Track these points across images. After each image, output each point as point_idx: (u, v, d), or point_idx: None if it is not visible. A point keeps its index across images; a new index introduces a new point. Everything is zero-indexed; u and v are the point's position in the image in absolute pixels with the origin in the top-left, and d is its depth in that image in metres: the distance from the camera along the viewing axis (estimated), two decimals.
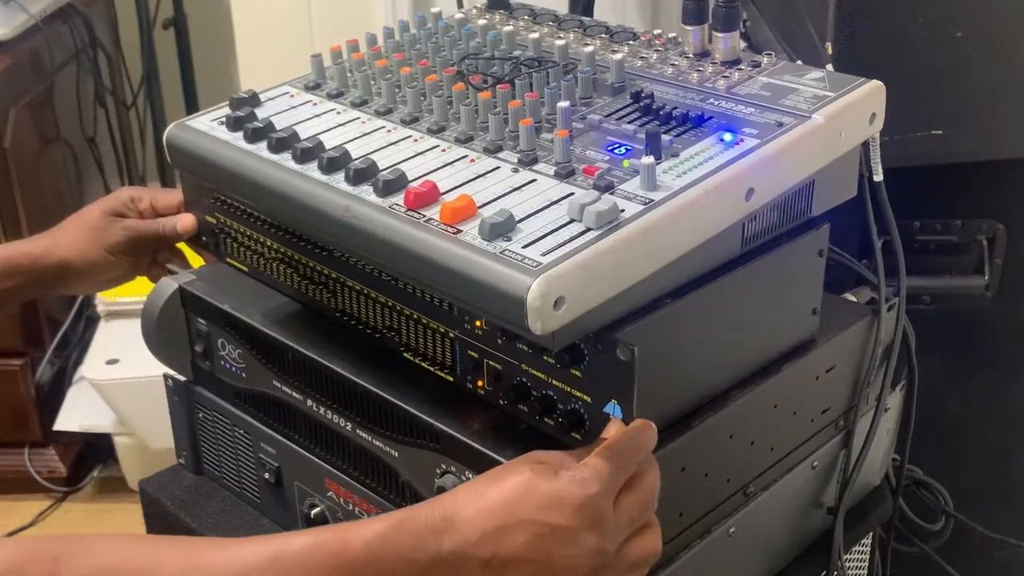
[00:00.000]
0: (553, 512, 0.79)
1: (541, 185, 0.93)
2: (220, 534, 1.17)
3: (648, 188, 0.90)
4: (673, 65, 1.11)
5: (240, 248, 1.14)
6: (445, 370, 1.00)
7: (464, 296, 0.88)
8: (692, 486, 0.99)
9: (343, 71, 1.16)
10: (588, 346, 0.88)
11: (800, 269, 1.06)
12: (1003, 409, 1.51)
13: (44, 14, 2.44)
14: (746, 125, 0.98)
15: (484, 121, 1.02)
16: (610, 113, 1.03)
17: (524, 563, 0.79)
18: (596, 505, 0.80)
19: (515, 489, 0.80)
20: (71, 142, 2.60)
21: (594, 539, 0.80)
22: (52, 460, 2.49)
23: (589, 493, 0.80)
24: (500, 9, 1.30)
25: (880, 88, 1.04)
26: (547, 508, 0.79)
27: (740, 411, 1.00)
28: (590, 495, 0.80)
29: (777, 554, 1.14)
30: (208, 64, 3.01)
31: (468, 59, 1.13)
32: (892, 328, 1.15)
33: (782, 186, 0.98)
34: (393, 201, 0.93)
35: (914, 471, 1.31)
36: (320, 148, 1.01)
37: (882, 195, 1.12)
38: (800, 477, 1.11)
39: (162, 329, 1.19)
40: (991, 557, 1.53)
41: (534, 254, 0.84)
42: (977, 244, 1.42)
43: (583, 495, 0.80)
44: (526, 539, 0.79)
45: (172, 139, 1.11)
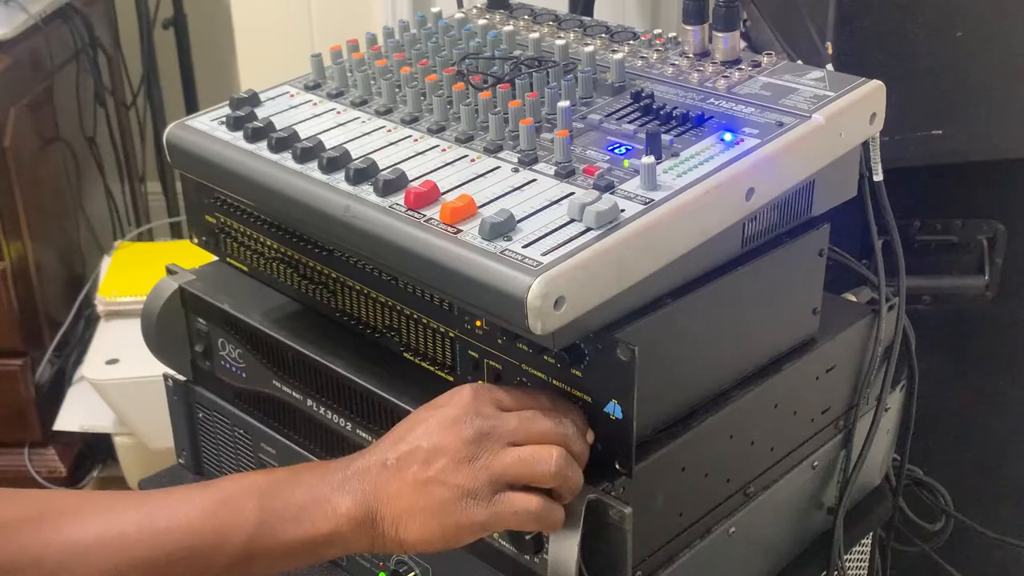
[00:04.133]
0: (455, 423, 0.86)
1: (541, 185, 0.93)
2: None
3: (648, 188, 0.90)
4: (673, 65, 1.11)
5: (240, 248, 1.14)
6: (445, 370, 1.00)
7: (464, 296, 0.88)
8: (692, 486, 0.99)
9: (343, 71, 1.16)
10: (588, 346, 0.88)
11: (800, 269, 1.06)
12: (1003, 409, 1.51)
13: (44, 14, 2.44)
14: (746, 125, 0.98)
15: (484, 121, 1.02)
16: (610, 113, 1.03)
17: (411, 458, 0.85)
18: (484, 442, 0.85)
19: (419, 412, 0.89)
20: (71, 142, 2.60)
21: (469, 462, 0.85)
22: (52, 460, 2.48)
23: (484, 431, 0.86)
24: (500, 9, 1.29)
25: (880, 88, 1.04)
26: (441, 424, 0.86)
27: (740, 411, 1.00)
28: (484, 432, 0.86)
29: (777, 554, 1.14)
30: (208, 64, 3.01)
31: (468, 59, 1.13)
32: (892, 328, 1.15)
33: (782, 186, 0.98)
34: (393, 201, 0.93)
35: (914, 471, 1.31)
36: (320, 148, 1.01)
37: (882, 195, 1.12)
38: (800, 477, 1.11)
39: (162, 329, 1.18)
40: (991, 557, 1.53)
41: (534, 254, 0.84)
42: (977, 244, 1.42)
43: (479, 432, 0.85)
44: (417, 436, 0.86)
45: (172, 139, 1.11)
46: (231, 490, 0.86)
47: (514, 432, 0.86)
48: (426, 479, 0.84)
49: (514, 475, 0.85)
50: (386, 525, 0.85)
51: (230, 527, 0.83)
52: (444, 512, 0.84)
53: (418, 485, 0.84)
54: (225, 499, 0.85)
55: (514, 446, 0.86)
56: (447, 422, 0.86)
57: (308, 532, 0.84)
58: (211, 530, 0.83)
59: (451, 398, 0.88)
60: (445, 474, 0.84)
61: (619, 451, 0.89)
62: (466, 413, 0.86)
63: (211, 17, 2.97)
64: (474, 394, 0.88)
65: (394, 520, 0.84)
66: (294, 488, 0.86)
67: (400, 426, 0.89)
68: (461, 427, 0.85)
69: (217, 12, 2.92)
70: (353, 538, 0.85)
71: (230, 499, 0.84)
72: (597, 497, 0.87)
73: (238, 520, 0.83)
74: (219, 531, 0.83)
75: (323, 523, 0.84)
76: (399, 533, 0.85)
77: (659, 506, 0.95)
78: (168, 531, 0.82)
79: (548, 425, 0.87)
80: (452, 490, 0.84)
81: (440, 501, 0.84)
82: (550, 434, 0.87)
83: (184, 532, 0.82)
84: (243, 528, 0.83)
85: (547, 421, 0.87)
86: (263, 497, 0.84)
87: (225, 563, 0.83)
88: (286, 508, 0.84)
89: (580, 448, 0.88)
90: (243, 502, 0.84)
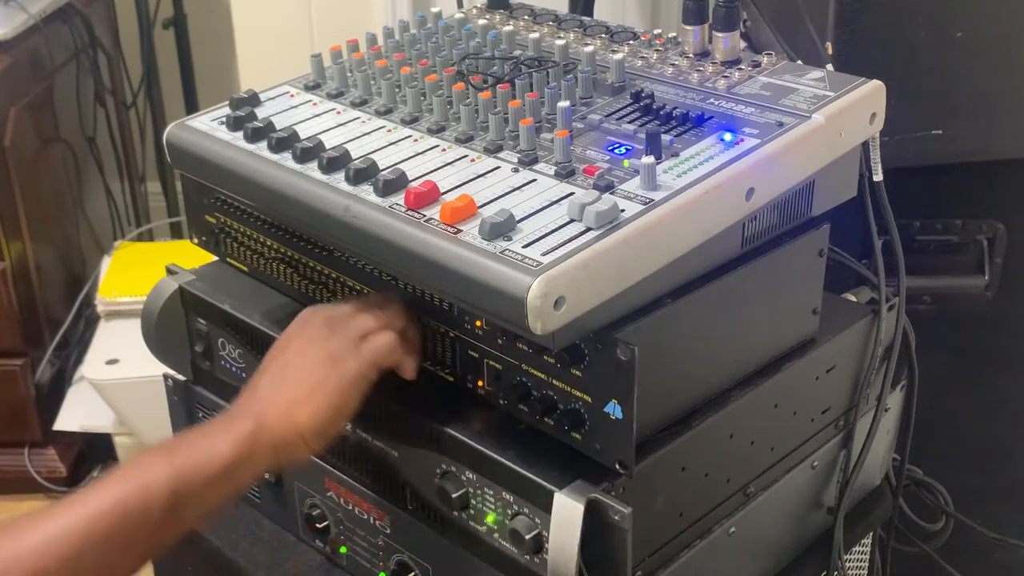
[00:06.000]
0: (303, 327, 0.99)
1: (541, 185, 0.93)
2: (220, 534, 1.17)
3: (648, 188, 0.90)
4: (673, 65, 1.11)
5: (240, 248, 1.14)
6: (445, 370, 1.00)
7: (464, 296, 0.88)
8: (692, 486, 0.99)
9: (343, 71, 1.16)
10: (588, 346, 0.88)
11: (800, 269, 1.06)
12: (1003, 409, 1.50)
13: (44, 14, 2.44)
14: (746, 125, 0.98)
15: (484, 121, 1.02)
16: (610, 113, 1.03)
17: (281, 368, 0.96)
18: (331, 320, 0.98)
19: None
20: (71, 142, 2.60)
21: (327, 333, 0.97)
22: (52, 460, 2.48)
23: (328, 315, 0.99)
24: (500, 9, 1.30)
25: (880, 88, 1.04)
26: (293, 334, 0.99)
27: (740, 411, 1.00)
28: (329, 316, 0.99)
29: (777, 554, 1.14)
30: (208, 64, 3.01)
31: (468, 59, 1.13)
32: (892, 328, 1.15)
33: (782, 186, 0.98)
34: (393, 201, 0.93)
35: (914, 471, 1.31)
36: (320, 148, 1.01)
37: (882, 195, 1.12)
38: (800, 477, 1.11)
39: (162, 329, 1.18)
40: (991, 557, 1.53)
41: (534, 254, 0.84)
42: (977, 244, 1.42)
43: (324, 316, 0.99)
44: (278, 353, 0.98)
45: (172, 139, 1.11)
46: (136, 459, 0.91)
47: (354, 310, 0.98)
48: (300, 368, 0.95)
49: (366, 326, 0.97)
50: (282, 425, 0.93)
51: (148, 484, 0.88)
52: (325, 382, 0.94)
53: (296, 377, 0.95)
54: (133, 466, 0.90)
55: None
56: (296, 329, 0.99)
57: (217, 460, 0.90)
58: (132, 494, 0.87)
59: (295, 320, 1.00)
60: (313, 356, 0.95)
61: (619, 451, 0.89)
62: (309, 316, 0.99)
63: (211, 17, 2.97)
64: (309, 307, 1.01)
65: (287, 415, 0.93)
66: (193, 437, 0.93)
67: (263, 363, 0.99)
68: (310, 322, 0.99)
69: (217, 12, 2.92)
70: (259, 451, 0.92)
71: (138, 464, 0.90)
72: (597, 497, 0.87)
73: (153, 476, 0.88)
74: (139, 491, 0.87)
75: (227, 448, 0.90)
76: (295, 423, 0.93)
77: (659, 506, 0.95)
78: (97, 512, 0.86)
79: (379, 298, 1.00)
80: (324, 362, 0.95)
81: (319, 377, 0.94)
82: (380, 297, 1.00)
83: (109, 507, 0.86)
84: (159, 480, 0.88)
85: (377, 297, 1.01)
86: (168, 453, 0.91)
87: (157, 516, 0.87)
88: (192, 451, 0.91)
89: (398, 298, 1.00)
90: (151, 462, 0.90)
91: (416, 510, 1.02)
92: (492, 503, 0.95)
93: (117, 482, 0.89)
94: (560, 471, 0.90)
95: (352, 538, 1.10)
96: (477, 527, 0.97)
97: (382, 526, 1.06)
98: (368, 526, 1.07)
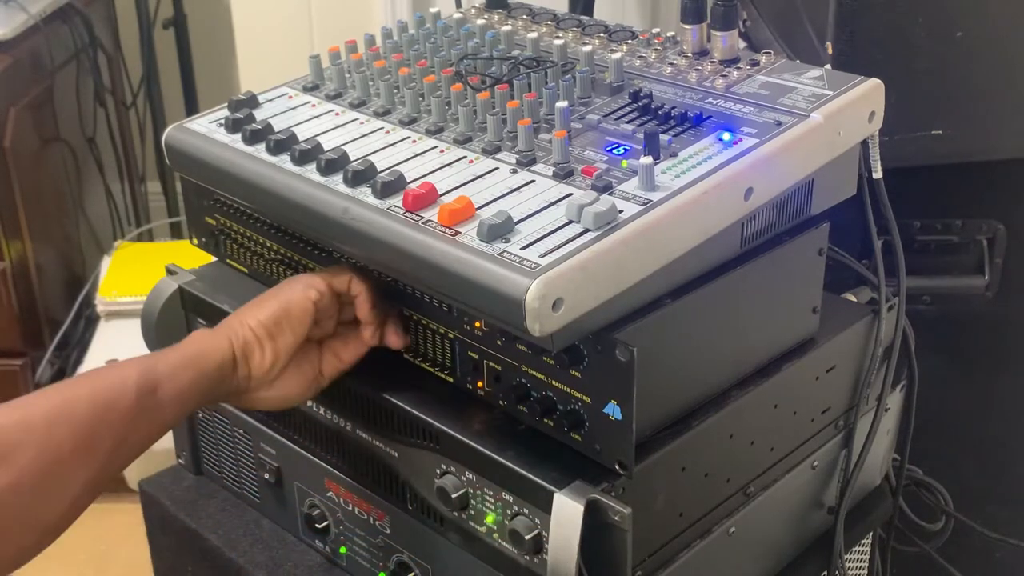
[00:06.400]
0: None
1: (539, 186, 0.93)
2: (220, 534, 1.17)
3: (647, 188, 0.90)
4: (672, 64, 1.11)
5: (240, 249, 1.14)
6: (445, 370, 1.00)
7: (463, 298, 0.88)
8: (692, 486, 0.99)
9: (341, 72, 1.16)
10: (587, 347, 0.88)
11: (800, 268, 1.06)
12: (1003, 409, 1.50)
13: (44, 14, 2.44)
14: (745, 124, 0.98)
15: (482, 122, 1.02)
16: (608, 113, 1.03)
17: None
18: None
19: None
20: (71, 142, 2.60)
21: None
22: None
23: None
24: (498, 9, 1.29)
25: (879, 86, 1.04)
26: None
27: (740, 411, 1.00)
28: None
29: (777, 554, 1.14)
30: (208, 64, 3.01)
31: (466, 59, 1.13)
32: (892, 328, 1.15)
33: (781, 185, 0.98)
34: (392, 203, 0.93)
35: (914, 471, 1.31)
36: (319, 150, 1.01)
37: (882, 194, 1.12)
38: (800, 477, 1.11)
39: (162, 329, 1.18)
40: (991, 557, 1.53)
41: (532, 255, 0.84)
42: (977, 244, 1.42)
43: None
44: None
45: (171, 141, 1.11)
46: (110, 366, 0.94)
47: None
48: (269, 292, 0.99)
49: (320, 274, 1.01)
50: (234, 320, 0.97)
51: (121, 373, 0.91)
52: (274, 290, 0.99)
53: (264, 297, 0.99)
54: (104, 367, 0.93)
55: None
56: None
57: (181, 349, 0.94)
58: (105, 380, 0.90)
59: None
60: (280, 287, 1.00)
61: (619, 451, 0.89)
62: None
63: (211, 17, 2.97)
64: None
65: (239, 314, 0.98)
66: (167, 352, 0.95)
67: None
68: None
69: (217, 12, 2.92)
70: (218, 341, 0.95)
71: (108, 366, 0.94)
72: (597, 497, 0.87)
73: (124, 367, 0.92)
74: (112, 379, 0.90)
75: (190, 342, 0.96)
76: (244, 317, 0.97)
77: (659, 506, 0.95)
78: (72, 395, 0.88)
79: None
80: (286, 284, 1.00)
81: (274, 289, 1.00)
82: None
83: (83, 393, 0.88)
84: (130, 368, 0.91)
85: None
86: (140, 358, 0.94)
87: (131, 399, 0.89)
88: (162, 355, 0.94)
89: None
90: (121, 363, 0.93)
91: (416, 510, 1.02)
92: (492, 503, 0.95)
93: (89, 375, 0.91)
94: (560, 471, 0.90)
95: (352, 538, 1.10)
96: (477, 527, 0.97)
97: (382, 526, 1.06)
98: (368, 526, 1.07)
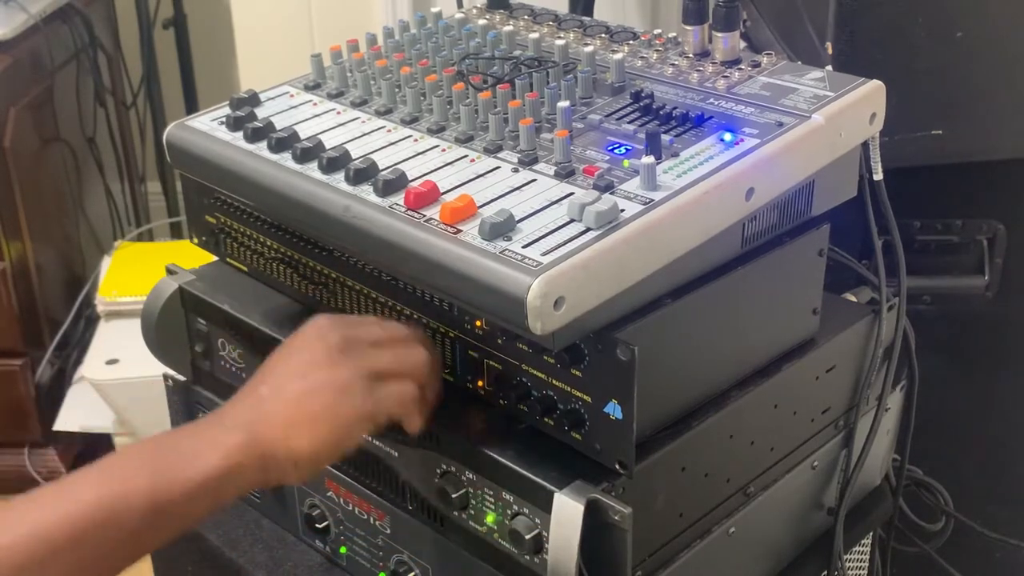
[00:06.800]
0: (315, 339, 0.91)
1: (541, 185, 0.93)
2: (220, 534, 1.17)
3: (648, 188, 0.90)
4: (673, 65, 1.11)
5: (240, 248, 1.14)
6: (445, 370, 1.00)
7: (464, 296, 0.88)
8: (692, 486, 0.99)
9: (343, 71, 1.16)
10: (588, 346, 0.88)
11: (800, 269, 1.06)
12: (1003, 409, 1.50)
13: (44, 14, 2.44)
14: (746, 125, 0.98)
15: (484, 121, 1.02)
16: (610, 113, 1.03)
17: (285, 380, 0.89)
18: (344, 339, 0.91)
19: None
20: (71, 142, 2.60)
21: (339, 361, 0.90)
22: (52, 460, 2.48)
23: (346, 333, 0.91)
24: (500, 9, 1.29)
25: (880, 88, 1.04)
26: (304, 343, 0.91)
27: (740, 411, 1.00)
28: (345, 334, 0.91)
29: (777, 554, 1.14)
30: (208, 64, 3.01)
31: (468, 59, 1.13)
32: (892, 328, 1.15)
33: (782, 186, 0.98)
34: (393, 201, 0.93)
35: (914, 471, 1.31)
36: (320, 148, 1.01)
37: (882, 195, 1.12)
38: (800, 477, 1.11)
39: (162, 329, 1.18)
40: (991, 557, 1.53)
41: (534, 254, 0.84)
42: (977, 244, 1.42)
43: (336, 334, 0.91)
44: (284, 361, 0.91)
45: (172, 139, 1.11)
46: (117, 461, 0.86)
47: (377, 335, 0.92)
48: (305, 390, 0.88)
49: (387, 366, 0.91)
50: (276, 445, 0.86)
51: (126, 489, 0.82)
52: (329, 413, 0.87)
53: (299, 397, 0.88)
54: (112, 471, 0.84)
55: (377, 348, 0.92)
56: (312, 340, 0.91)
57: (202, 472, 0.84)
58: (108, 497, 0.82)
59: (307, 325, 0.93)
60: (322, 379, 0.88)
61: (619, 451, 0.89)
62: (327, 328, 0.92)
63: (211, 17, 2.97)
64: (327, 316, 0.94)
65: (283, 437, 0.86)
66: (178, 441, 0.87)
67: (264, 364, 0.92)
68: (326, 338, 0.90)
69: (217, 12, 2.92)
70: (248, 466, 0.85)
71: (117, 470, 0.84)
72: (597, 497, 0.87)
73: (132, 480, 0.83)
74: (117, 496, 0.82)
75: (215, 462, 0.84)
76: (291, 447, 0.86)
77: (659, 506, 0.95)
78: (71, 515, 0.81)
79: (404, 329, 0.94)
80: (332, 391, 0.88)
81: (323, 405, 0.88)
82: (407, 333, 0.94)
83: (82, 511, 0.81)
84: (139, 486, 0.82)
85: (402, 326, 0.95)
86: (151, 454, 0.85)
87: (135, 525, 0.82)
88: (175, 457, 0.85)
89: (432, 348, 0.95)
90: (132, 463, 0.85)
91: (416, 510, 1.02)
92: (492, 503, 0.95)
93: (94, 484, 0.83)
94: (560, 471, 0.90)
95: (352, 538, 1.10)
96: (477, 527, 0.97)
97: (382, 526, 1.06)
98: (368, 526, 1.07)
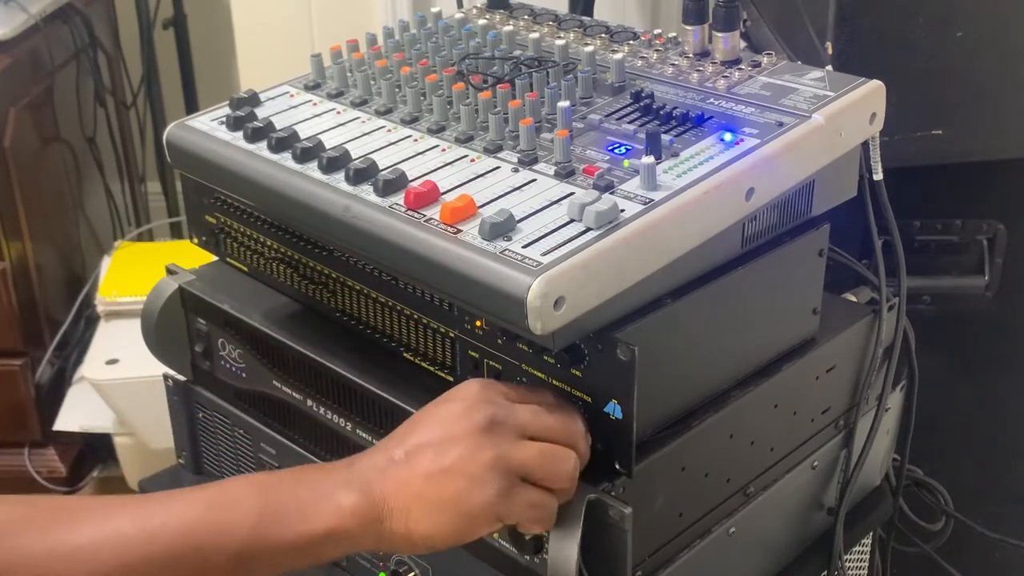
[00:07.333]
0: (463, 413, 0.84)
1: (541, 185, 0.93)
2: None
3: (648, 188, 0.90)
4: (673, 65, 1.11)
5: (240, 248, 1.14)
6: (445, 370, 1.00)
7: (464, 296, 0.88)
8: (692, 486, 0.99)
9: (343, 71, 1.16)
10: (588, 346, 0.88)
11: (800, 269, 1.06)
12: (1003, 409, 1.51)
13: (44, 14, 2.44)
14: (746, 125, 0.98)
15: (484, 121, 1.02)
16: (610, 113, 1.03)
17: (422, 450, 0.83)
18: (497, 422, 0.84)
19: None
20: (71, 142, 2.60)
21: (488, 446, 0.82)
22: (52, 460, 2.48)
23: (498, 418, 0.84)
24: (500, 9, 1.29)
25: (880, 88, 1.04)
26: (452, 415, 0.85)
27: (740, 411, 1.00)
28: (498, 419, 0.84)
29: (777, 554, 1.14)
30: (208, 64, 3.01)
31: (468, 59, 1.13)
32: (892, 328, 1.15)
33: (782, 186, 0.98)
34: (393, 201, 0.93)
35: (914, 471, 1.31)
36: (320, 148, 1.01)
37: (882, 195, 1.12)
38: (800, 477, 1.11)
39: (162, 329, 1.18)
40: (991, 557, 1.53)
41: (534, 254, 0.84)
42: (977, 244, 1.42)
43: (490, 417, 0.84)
44: (427, 428, 0.84)
45: (172, 139, 1.11)
46: (231, 487, 0.83)
47: (527, 424, 0.85)
48: (440, 469, 0.81)
49: (531, 469, 0.83)
50: (394, 519, 0.81)
51: (229, 524, 0.80)
52: (458, 502, 0.80)
53: (431, 476, 0.81)
54: (224, 496, 0.82)
55: (526, 439, 0.84)
56: (458, 412, 0.84)
57: (311, 528, 0.80)
58: (209, 527, 0.80)
59: (458, 391, 0.87)
60: (460, 463, 0.81)
61: (619, 451, 0.89)
62: (477, 402, 0.85)
63: (211, 17, 2.97)
64: (482, 385, 0.87)
65: (403, 513, 0.81)
66: (296, 485, 0.83)
67: (406, 423, 0.87)
68: (473, 416, 0.83)
69: (217, 12, 2.92)
70: (359, 534, 0.81)
71: (230, 496, 0.82)
72: (597, 497, 0.87)
73: (238, 516, 0.80)
74: (218, 528, 0.80)
75: (327, 518, 0.80)
76: (409, 526, 0.81)
77: (659, 506, 0.95)
78: (164, 529, 0.79)
79: (559, 421, 0.86)
80: (467, 479, 0.81)
81: (455, 490, 0.81)
82: (561, 430, 0.86)
83: (180, 531, 0.79)
84: (243, 525, 0.80)
85: (558, 417, 0.86)
86: (265, 494, 0.82)
87: (225, 561, 0.80)
88: (288, 504, 0.81)
89: (585, 450, 0.88)
90: (243, 498, 0.81)
91: None
92: None
93: (202, 502, 0.81)
94: None
95: None
96: None
97: None
98: None
